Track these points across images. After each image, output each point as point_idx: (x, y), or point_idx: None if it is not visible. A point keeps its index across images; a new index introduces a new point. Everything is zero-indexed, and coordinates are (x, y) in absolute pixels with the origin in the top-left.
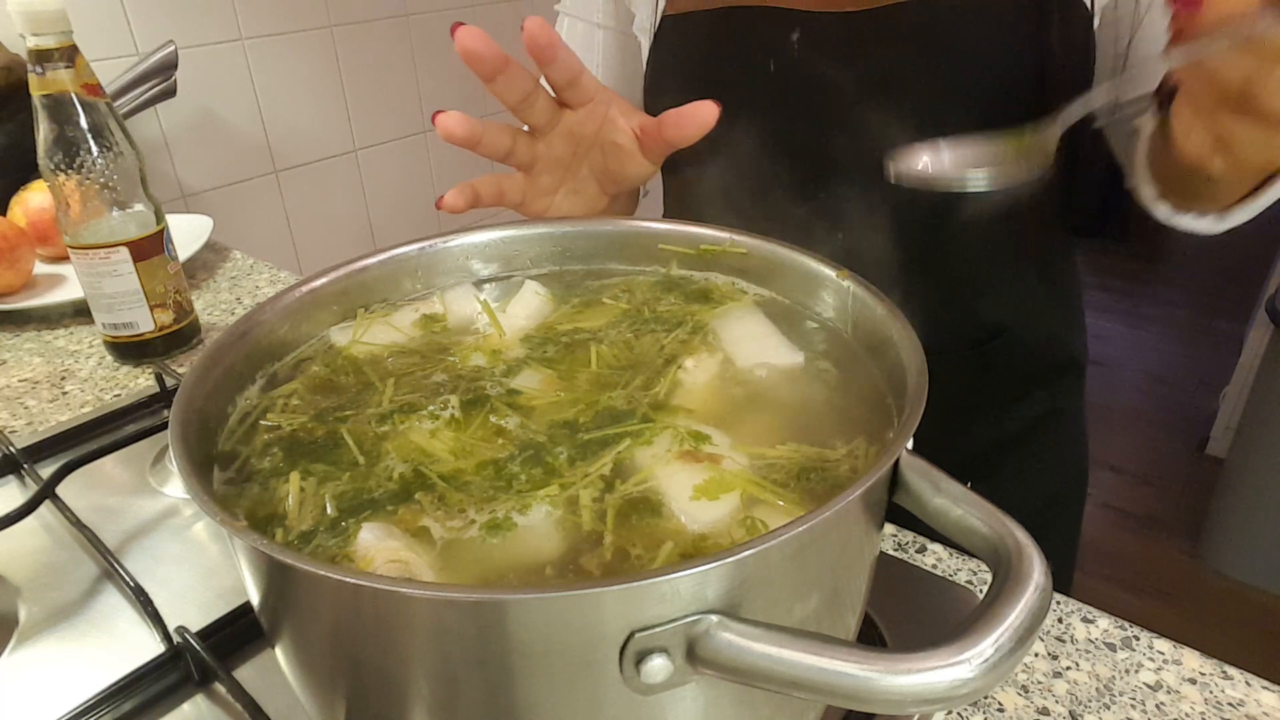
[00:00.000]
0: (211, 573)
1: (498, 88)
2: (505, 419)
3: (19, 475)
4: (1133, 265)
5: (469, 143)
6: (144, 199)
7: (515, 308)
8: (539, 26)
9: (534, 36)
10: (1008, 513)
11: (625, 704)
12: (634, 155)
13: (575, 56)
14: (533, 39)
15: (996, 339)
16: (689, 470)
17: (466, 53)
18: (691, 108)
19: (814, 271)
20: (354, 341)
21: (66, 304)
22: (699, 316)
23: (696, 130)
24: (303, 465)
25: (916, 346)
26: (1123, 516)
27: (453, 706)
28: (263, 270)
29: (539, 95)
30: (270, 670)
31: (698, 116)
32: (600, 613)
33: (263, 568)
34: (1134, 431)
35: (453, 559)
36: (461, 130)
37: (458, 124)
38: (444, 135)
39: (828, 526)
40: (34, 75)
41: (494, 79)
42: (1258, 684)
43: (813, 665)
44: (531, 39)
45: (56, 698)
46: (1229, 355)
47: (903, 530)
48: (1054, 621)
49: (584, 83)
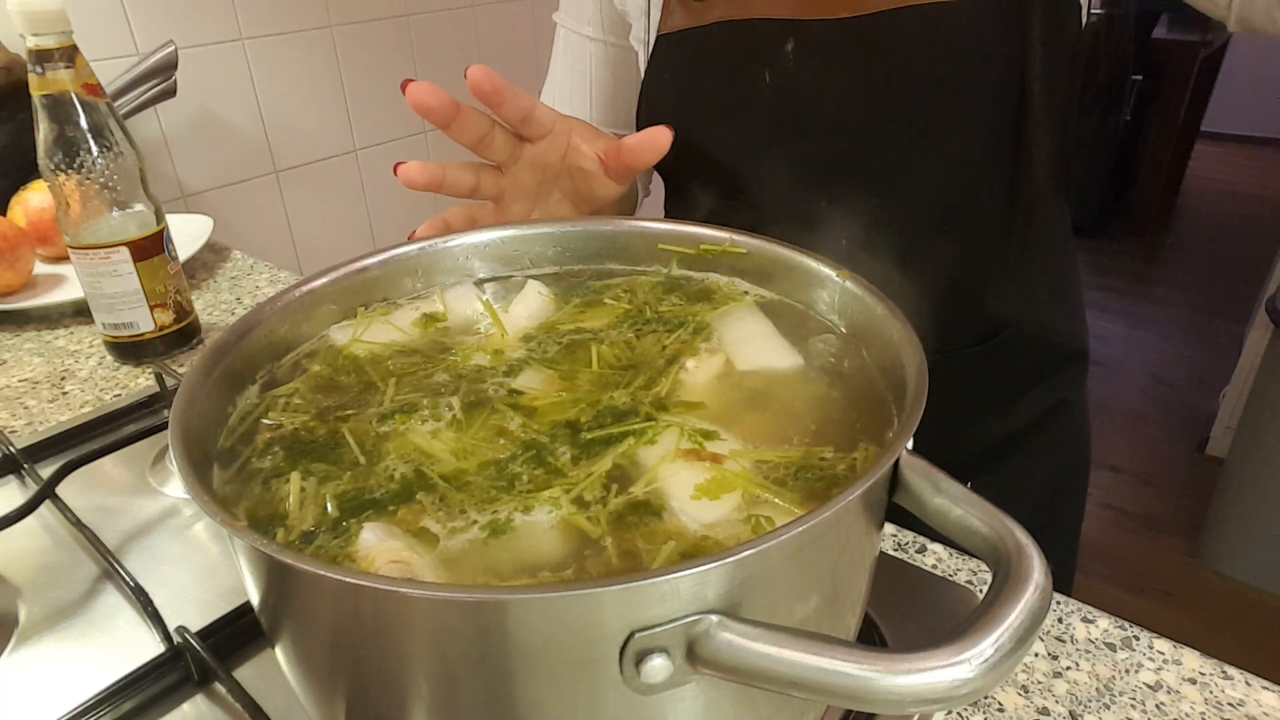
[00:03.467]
0: (211, 573)
1: (453, 133)
2: (507, 419)
3: (19, 475)
4: (1133, 265)
5: (431, 187)
6: (144, 199)
7: (518, 307)
8: (482, 74)
9: (478, 84)
10: (1015, 503)
11: (625, 704)
12: (600, 178)
13: (524, 95)
14: (477, 86)
15: (1003, 333)
16: (691, 469)
17: (419, 106)
18: (646, 135)
19: (814, 271)
20: (354, 340)
21: (66, 304)
22: (700, 317)
23: (653, 155)
24: (304, 465)
25: (917, 346)
26: (1123, 516)
27: (453, 706)
28: (263, 270)
29: (495, 134)
30: (270, 670)
31: (653, 143)
32: (600, 613)
33: (262, 568)
34: (1134, 431)
35: (454, 560)
36: (422, 177)
37: (418, 173)
38: (406, 184)
39: (828, 526)
40: (34, 75)
41: (448, 126)
42: (1258, 684)
43: (813, 665)
44: (476, 86)
45: (56, 698)
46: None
47: (903, 530)
48: (1054, 621)
49: (538, 116)
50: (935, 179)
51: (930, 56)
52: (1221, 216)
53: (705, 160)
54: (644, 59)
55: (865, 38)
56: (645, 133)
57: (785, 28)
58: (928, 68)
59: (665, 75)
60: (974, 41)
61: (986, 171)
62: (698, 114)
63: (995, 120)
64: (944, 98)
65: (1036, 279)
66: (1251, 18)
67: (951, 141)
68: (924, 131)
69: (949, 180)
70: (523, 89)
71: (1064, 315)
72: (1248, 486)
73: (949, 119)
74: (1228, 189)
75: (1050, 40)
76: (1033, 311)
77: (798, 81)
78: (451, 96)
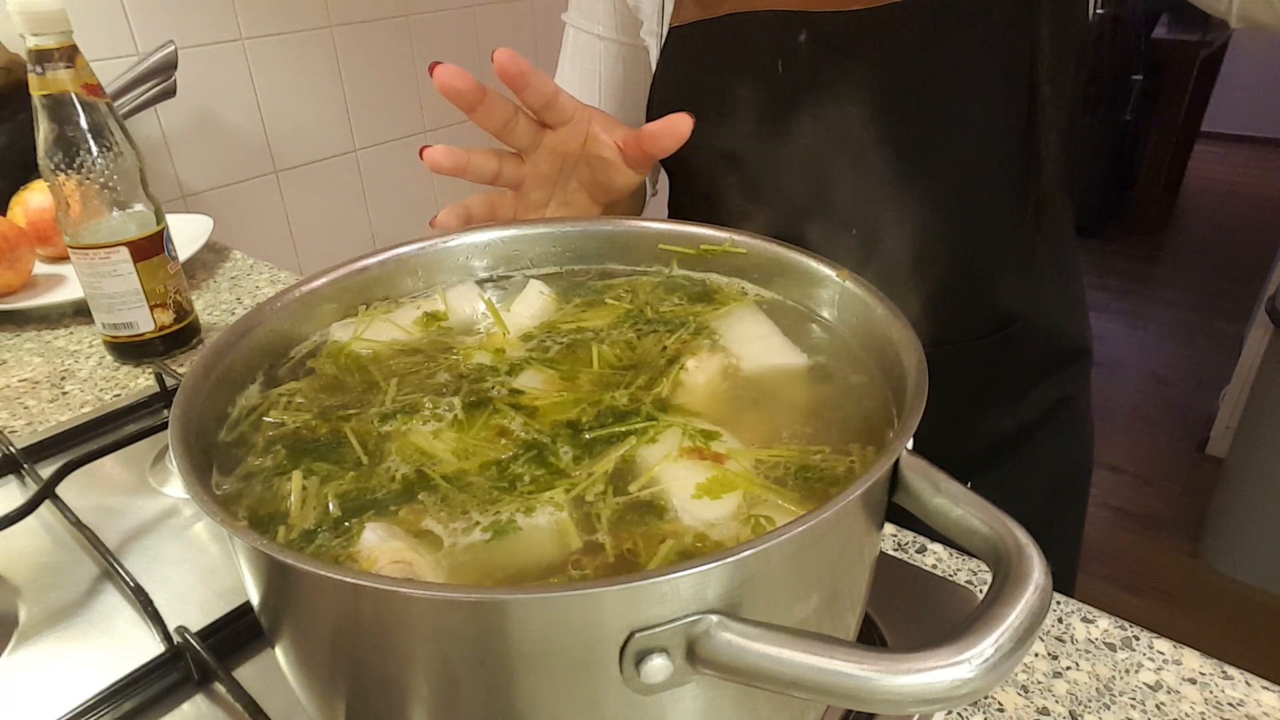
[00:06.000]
0: (211, 573)
1: (478, 117)
2: (508, 419)
3: (19, 475)
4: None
5: (456, 171)
6: (144, 199)
7: (519, 307)
8: (509, 57)
9: (504, 67)
10: (1019, 501)
11: (625, 704)
12: (619, 167)
13: (548, 80)
14: (503, 69)
15: (1010, 327)
16: (692, 469)
17: (446, 88)
18: (668, 121)
19: (814, 271)
20: (355, 338)
21: (66, 304)
22: (701, 317)
23: (673, 143)
24: (306, 464)
25: (916, 346)
26: (1123, 516)
27: (453, 706)
28: (263, 270)
29: (519, 119)
30: (270, 670)
31: (675, 130)
32: (600, 613)
33: (262, 568)
34: (1134, 431)
35: (456, 560)
36: (449, 161)
37: (444, 156)
38: (432, 168)
39: (828, 526)
40: (34, 75)
41: (473, 109)
42: (1258, 684)
43: (813, 665)
44: (502, 69)
45: (56, 698)
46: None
47: (903, 530)
48: (1054, 621)
49: (560, 103)
50: (947, 172)
51: (941, 49)
52: (1221, 216)
53: (716, 152)
54: (656, 53)
55: (877, 31)
56: (666, 119)
57: (797, 19)
58: (939, 61)
59: (677, 67)
60: (984, 35)
61: (998, 165)
62: (709, 106)
63: (1006, 114)
64: (955, 91)
65: (1044, 274)
66: (1254, 11)
67: (963, 135)
68: (936, 124)
69: (961, 173)
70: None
71: (1069, 311)
72: (1248, 486)
73: (961, 112)
74: (1228, 189)
75: (1058, 36)
76: (1040, 306)
77: (810, 73)
78: (477, 80)
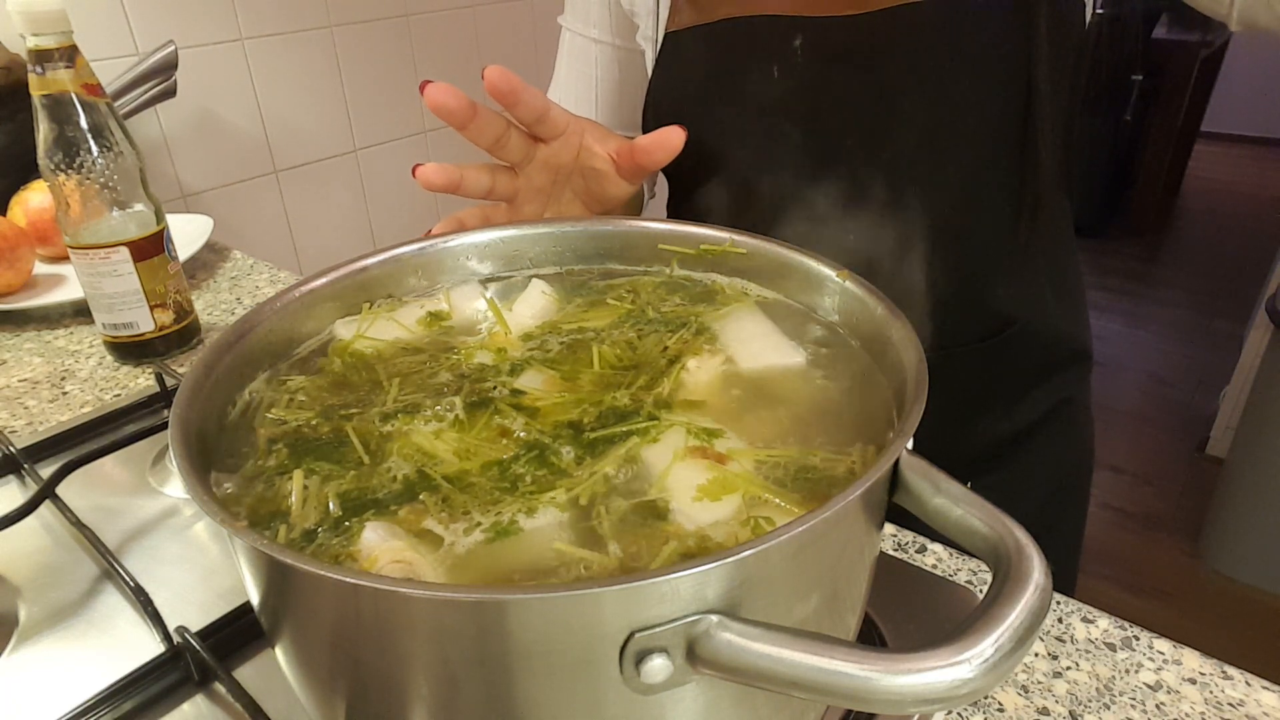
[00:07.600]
0: (211, 573)
1: (470, 134)
2: (510, 419)
3: (19, 475)
4: (1132, 265)
5: (449, 188)
6: (144, 199)
7: (521, 307)
8: (499, 75)
9: (495, 85)
10: (1020, 502)
11: (625, 704)
12: (612, 178)
13: (540, 95)
14: (494, 87)
15: (1008, 330)
16: (694, 470)
17: (437, 107)
18: (660, 134)
19: (814, 272)
20: (358, 336)
21: (66, 304)
22: (702, 317)
23: (665, 155)
24: (307, 463)
25: (916, 346)
26: (1123, 516)
27: (453, 706)
28: (263, 270)
29: (511, 134)
30: (270, 670)
31: (666, 143)
32: (600, 613)
33: (262, 568)
34: (1134, 431)
35: (457, 560)
36: (441, 179)
37: (436, 174)
38: (425, 186)
39: (828, 526)
40: (34, 75)
41: (465, 127)
42: (1258, 684)
43: (813, 665)
44: (493, 87)
45: (56, 698)
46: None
47: (903, 530)
48: (1054, 621)
49: (553, 117)
50: (943, 176)
51: (938, 54)
52: (1221, 216)
53: (712, 157)
54: (651, 57)
55: (873, 35)
56: (658, 133)
57: (793, 24)
58: (935, 65)
59: (673, 72)
60: (981, 39)
61: (994, 169)
62: (705, 110)
63: (1002, 118)
64: (952, 95)
65: (1041, 277)
66: (1254, 15)
67: (959, 138)
68: (932, 129)
69: (957, 177)
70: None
71: (1067, 314)
72: (1248, 486)
73: (957, 117)
74: (1228, 189)
75: (1055, 39)
76: (1038, 309)
77: (806, 78)
78: (469, 97)
